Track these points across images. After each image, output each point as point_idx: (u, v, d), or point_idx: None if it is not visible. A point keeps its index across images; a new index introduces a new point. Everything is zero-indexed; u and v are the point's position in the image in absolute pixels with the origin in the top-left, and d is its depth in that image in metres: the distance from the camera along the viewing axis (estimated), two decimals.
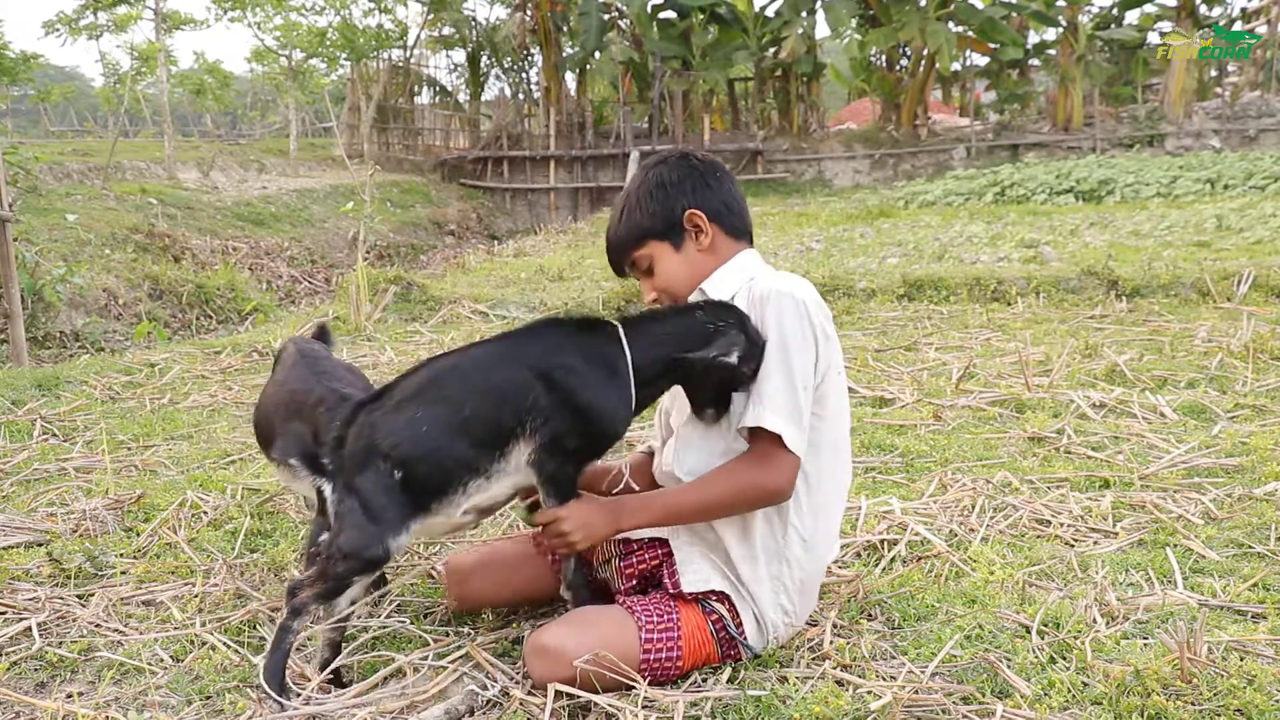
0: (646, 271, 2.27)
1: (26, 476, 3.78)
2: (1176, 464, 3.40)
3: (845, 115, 29.13)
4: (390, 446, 2.00)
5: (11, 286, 6.20)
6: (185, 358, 6.00)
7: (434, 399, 2.05)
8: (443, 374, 2.10)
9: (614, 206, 2.32)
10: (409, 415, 2.03)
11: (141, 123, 28.39)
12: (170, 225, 11.84)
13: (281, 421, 2.59)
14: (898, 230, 11.99)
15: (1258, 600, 2.41)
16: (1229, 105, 19.98)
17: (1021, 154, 19.98)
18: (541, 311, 7.28)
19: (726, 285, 2.21)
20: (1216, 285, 6.54)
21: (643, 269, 2.27)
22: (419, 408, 2.04)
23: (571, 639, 2.04)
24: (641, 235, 2.24)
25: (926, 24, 20.06)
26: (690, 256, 2.23)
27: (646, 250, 2.25)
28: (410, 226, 16.99)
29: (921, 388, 4.67)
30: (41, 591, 2.67)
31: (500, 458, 2.03)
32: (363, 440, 2.04)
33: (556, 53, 22.74)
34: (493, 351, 2.10)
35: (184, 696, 2.15)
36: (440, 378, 2.09)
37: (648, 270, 2.27)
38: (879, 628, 2.37)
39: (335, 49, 21.42)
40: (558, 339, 2.09)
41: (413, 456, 2.00)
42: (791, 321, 2.07)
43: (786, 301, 2.08)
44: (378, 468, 2.01)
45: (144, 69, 21.48)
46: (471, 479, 2.03)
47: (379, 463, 2.01)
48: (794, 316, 2.07)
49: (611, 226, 2.30)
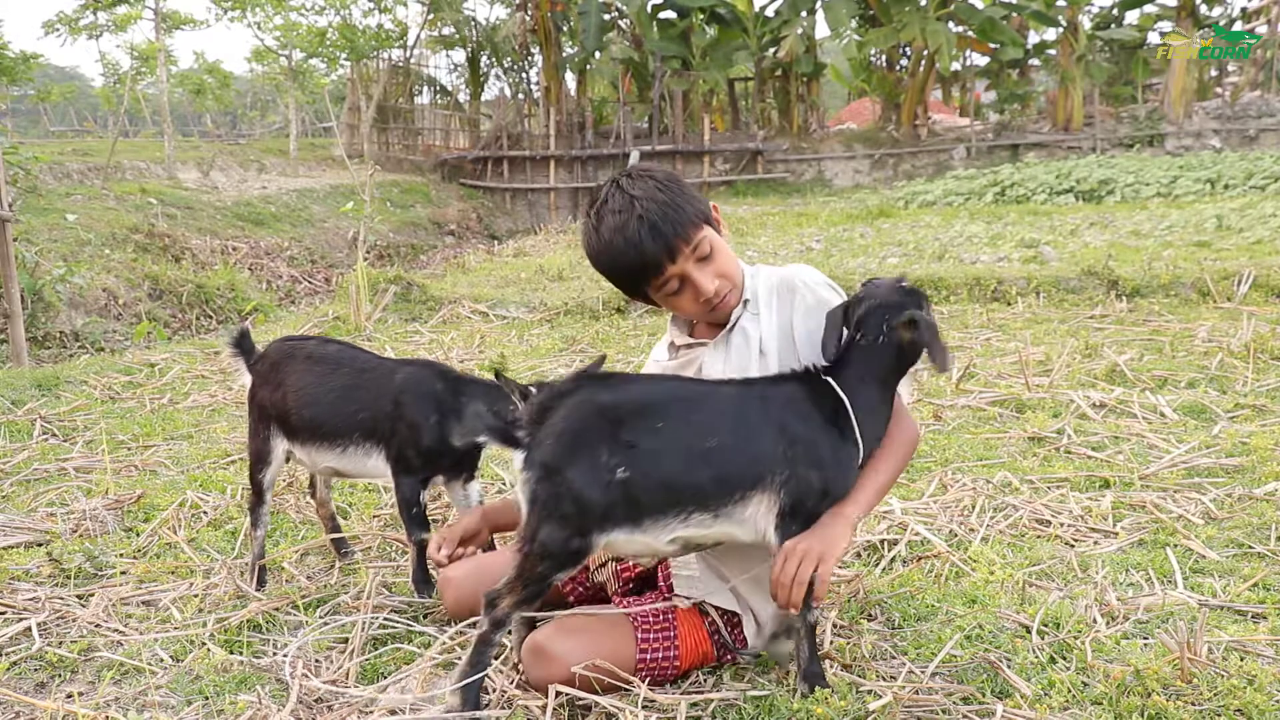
0: (705, 259, 2.11)
1: (26, 476, 3.78)
2: (1176, 464, 3.40)
3: (845, 115, 29.13)
4: (626, 444, 1.84)
5: (11, 286, 6.19)
6: (185, 358, 6.00)
7: (683, 416, 1.91)
8: (695, 396, 1.97)
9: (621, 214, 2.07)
10: (651, 421, 1.87)
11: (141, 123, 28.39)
12: (170, 225, 11.84)
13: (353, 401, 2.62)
14: (898, 230, 11.99)
15: (1258, 600, 2.41)
16: (1229, 105, 19.98)
17: (1021, 154, 19.98)
18: (541, 311, 7.28)
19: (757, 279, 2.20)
20: (1216, 285, 6.54)
21: (702, 255, 2.10)
22: (663, 418, 1.88)
23: (568, 641, 2.04)
24: (700, 217, 2.09)
25: (926, 24, 20.06)
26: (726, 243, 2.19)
27: (706, 233, 2.10)
28: (410, 226, 16.99)
29: (921, 388, 4.67)
30: (41, 591, 2.67)
31: (737, 502, 1.92)
32: (586, 422, 1.86)
33: (556, 53, 22.72)
34: (744, 395, 1.98)
35: (184, 696, 2.15)
36: (693, 398, 1.96)
37: (707, 256, 2.11)
38: (879, 628, 2.37)
39: (335, 49, 21.41)
40: (797, 398, 1.99)
41: (649, 465, 1.85)
42: (827, 292, 2.15)
43: (821, 280, 2.17)
44: (599, 458, 1.83)
45: (144, 69, 21.49)
46: (697, 511, 1.90)
47: (603, 453, 1.84)
48: (825, 285, 2.16)
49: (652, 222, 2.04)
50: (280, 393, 2.70)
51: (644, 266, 2.07)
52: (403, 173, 20.29)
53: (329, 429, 2.65)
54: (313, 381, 2.69)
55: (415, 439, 2.55)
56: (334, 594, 2.66)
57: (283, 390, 2.71)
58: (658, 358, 2.38)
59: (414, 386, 2.58)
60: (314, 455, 2.70)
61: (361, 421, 2.61)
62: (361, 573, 2.79)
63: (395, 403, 2.57)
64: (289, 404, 2.69)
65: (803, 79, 22.37)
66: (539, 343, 6.26)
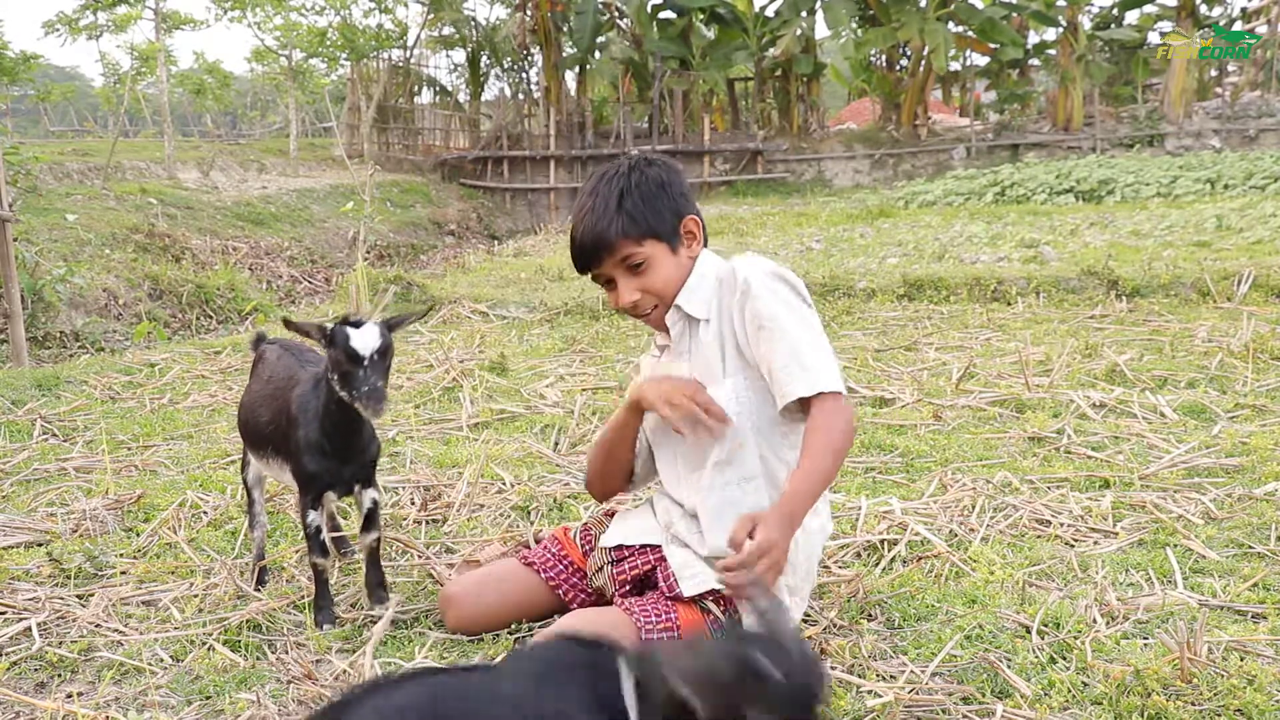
0: (634, 270, 2.17)
1: (26, 476, 3.78)
2: (1176, 464, 3.40)
3: (845, 115, 29.11)
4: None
5: (11, 286, 6.19)
6: (185, 358, 6.00)
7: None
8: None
9: (591, 197, 2.18)
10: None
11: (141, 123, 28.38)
12: (170, 225, 11.83)
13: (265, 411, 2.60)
14: (898, 230, 11.98)
15: (1258, 600, 2.41)
16: (1229, 105, 19.97)
17: (1021, 154, 19.96)
18: (541, 311, 7.28)
19: (700, 291, 2.22)
20: (1216, 285, 6.53)
21: (631, 266, 2.17)
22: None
23: None
24: (645, 232, 2.15)
25: (925, 24, 20.06)
26: (680, 262, 2.21)
27: (645, 249, 2.16)
28: (410, 226, 16.98)
29: (921, 388, 4.67)
30: (41, 591, 2.67)
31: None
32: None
33: (556, 53, 22.71)
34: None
35: (184, 696, 2.15)
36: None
37: (636, 268, 2.17)
38: (879, 628, 2.37)
39: (335, 49, 21.42)
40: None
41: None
42: (780, 287, 2.12)
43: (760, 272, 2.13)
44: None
45: (144, 69, 21.47)
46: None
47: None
48: (777, 280, 2.13)
49: (597, 219, 2.15)
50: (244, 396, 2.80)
51: (579, 255, 2.22)
52: (403, 173, 20.28)
53: (256, 439, 2.68)
54: (255, 388, 2.74)
55: (298, 457, 2.48)
56: (334, 593, 2.66)
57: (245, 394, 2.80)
58: (653, 354, 2.43)
59: (301, 401, 2.48)
60: (257, 463, 2.74)
61: (271, 435, 2.59)
62: (361, 572, 2.79)
63: (289, 418, 2.50)
64: (240, 410, 2.78)
65: (802, 79, 22.36)
66: (539, 343, 6.26)
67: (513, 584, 2.41)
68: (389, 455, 3.87)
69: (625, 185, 2.16)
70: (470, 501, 3.29)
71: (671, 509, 2.31)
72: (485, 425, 4.31)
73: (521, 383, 5.09)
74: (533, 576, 2.41)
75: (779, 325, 2.06)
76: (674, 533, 2.27)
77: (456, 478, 3.51)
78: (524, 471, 3.63)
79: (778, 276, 2.14)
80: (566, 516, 3.18)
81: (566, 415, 4.35)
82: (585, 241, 2.18)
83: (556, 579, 2.40)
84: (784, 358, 2.04)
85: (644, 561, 2.29)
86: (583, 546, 2.44)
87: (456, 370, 5.21)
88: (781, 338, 2.05)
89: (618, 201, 2.15)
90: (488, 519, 3.17)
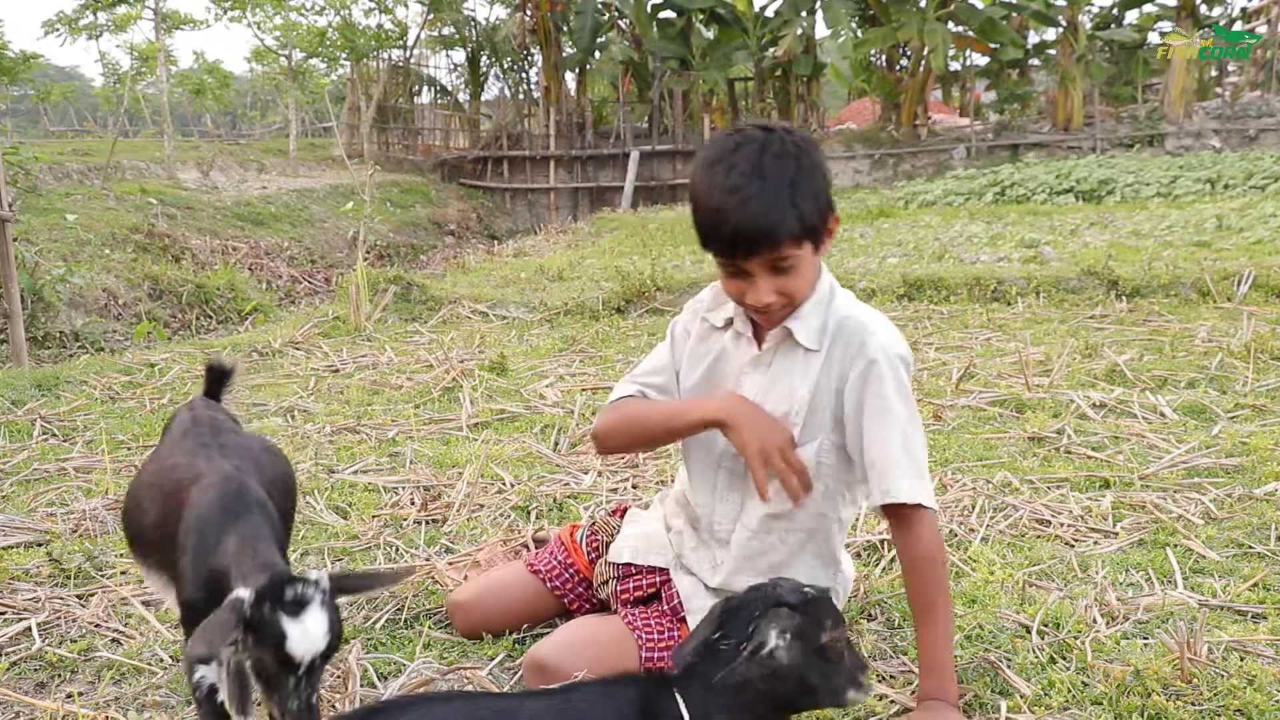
0: (781, 269, 1.88)
1: (26, 476, 3.77)
2: (1176, 464, 3.40)
3: (845, 115, 29.11)
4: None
5: (11, 286, 6.19)
6: (185, 358, 5.99)
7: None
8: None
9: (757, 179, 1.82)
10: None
11: (141, 123, 28.40)
12: (170, 225, 11.84)
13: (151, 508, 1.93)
14: (898, 230, 11.99)
15: (1258, 600, 2.41)
16: (1229, 105, 19.98)
17: (1021, 154, 19.97)
18: (541, 311, 7.27)
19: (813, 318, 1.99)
20: (1216, 285, 6.54)
21: (781, 268, 1.88)
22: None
23: (569, 655, 2.02)
24: (807, 232, 1.86)
25: (925, 24, 20.06)
26: (817, 264, 1.97)
27: (803, 251, 1.87)
28: (410, 226, 16.99)
29: (921, 388, 4.66)
30: (41, 591, 2.67)
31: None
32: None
33: (556, 53, 22.73)
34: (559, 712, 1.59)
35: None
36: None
37: (784, 268, 1.88)
38: (879, 628, 2.37)
39: (335, 49, 21.45)
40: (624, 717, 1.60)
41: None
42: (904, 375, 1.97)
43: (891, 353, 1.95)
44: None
45: (144, 69, 21.51)
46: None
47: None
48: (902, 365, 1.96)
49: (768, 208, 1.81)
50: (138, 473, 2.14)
51: (727, 241, 1.86)
52: (403, 173, 20.30)
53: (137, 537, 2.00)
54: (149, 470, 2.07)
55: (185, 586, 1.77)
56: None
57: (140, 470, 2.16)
58: (686, 325, 2.20)
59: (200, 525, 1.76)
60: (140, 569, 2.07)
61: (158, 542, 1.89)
62: (360, 567, 2.78)
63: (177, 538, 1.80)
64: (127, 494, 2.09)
65: (802, 79, 22.37)
66: (539, 343, 6.26)
67: (519, 591, 2.40)
68: (389, 455, 3.87)
69: (796, 172, 1.84)
70: (470, 501, 3.29)
71: (685, 531, 2.22)
72: (485, 425, 4.31)
73: (521, 383, 5.08)
74: (538, 584, 2.40)
75: (894, 415, 1.93)
76: (683, 562, 2.22)
77: (456, 478, 3.50)
78: (524, 471, 3.62)
79: (904, 362, 1.98)
80: (567, 516, 3.18)
81: (566, 415, 4.35)
82: (746, 231, 1.82)
83: (562, 588, 2.39)
84: (896, 451, 1.91)
85: (649, 583, 2.26)
86: (589, 552, 2.42)
87: (456, 370, 5.21)
88: (895, 427, 1.92)
89: (790, 192, 1.82)
90: (488, 519, 3.16)
